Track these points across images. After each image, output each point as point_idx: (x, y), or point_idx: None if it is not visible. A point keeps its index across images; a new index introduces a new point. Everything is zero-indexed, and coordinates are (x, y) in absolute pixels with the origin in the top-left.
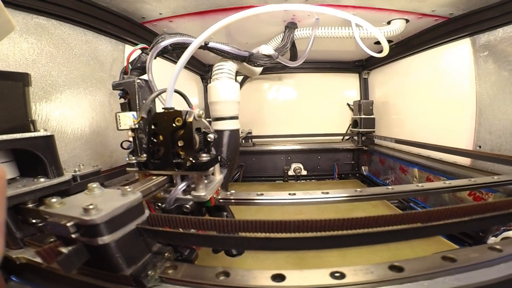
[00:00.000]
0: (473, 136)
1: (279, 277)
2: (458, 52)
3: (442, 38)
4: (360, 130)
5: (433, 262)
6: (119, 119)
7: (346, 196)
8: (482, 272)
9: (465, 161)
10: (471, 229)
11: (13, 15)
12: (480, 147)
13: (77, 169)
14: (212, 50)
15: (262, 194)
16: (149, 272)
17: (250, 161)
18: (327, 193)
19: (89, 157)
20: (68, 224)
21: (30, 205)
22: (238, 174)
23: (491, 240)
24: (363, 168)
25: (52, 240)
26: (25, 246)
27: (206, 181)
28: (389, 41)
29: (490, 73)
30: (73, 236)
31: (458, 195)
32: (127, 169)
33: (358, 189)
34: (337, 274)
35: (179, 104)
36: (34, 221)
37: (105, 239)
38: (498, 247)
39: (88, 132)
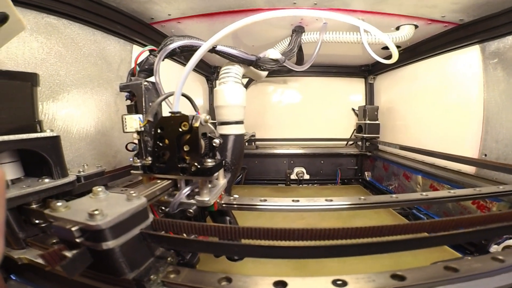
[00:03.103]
0: (479, 144)
1: (281, 284)
2: (467, 59)
3: (451, 44)
4: (364, 135)
5: (435, 271)
6: (125, 122)
7: (350, 204)
8: (484, 281)
9: (470, 169)
10: (476, 239)
11: (25, 14)
12: (486, 155)
13: (81, 170)
14: (220, 53)
15: (265, 200)
16: (152, 277)
17: (253, 163)
18: (331, 200)
19: (93, 157)
20: (73, 229)
21: (34, 206)
22: (240, 176)
23: (494, 248)
24: (366, 173)
25: (54, 241)
26: (27, 246)
27: (210, 186)
28: (397, 47)
29: (499, 81)
30: (77, 240)
31: (462, 204)
32: (132, 171)
33: (362, 197)
34: (339, 282)
35: (184, 107)
36: (37, 221)
37: (110, 244)
38: (500, 257)
39: (93, 132)
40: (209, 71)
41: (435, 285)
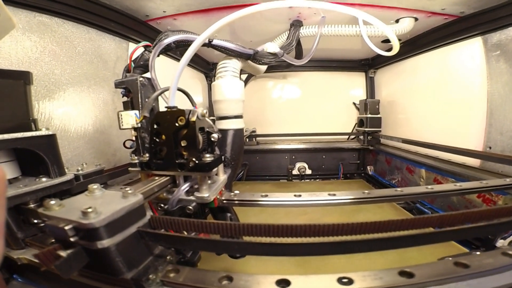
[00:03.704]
0: (483, 136)
1: (284, 283)
2: (469, 51)
3: (452, 37)
4: (366, 129)
5: (445, 267)
6: (121, 118)
7: (353, 198)
8: (495, 278)
9: (474, 162)
10: (485, 234)
11: (16, 13)
12: (490, 148)
13: (79, 168)
14: (216, 47)
15: (266, 196)
16: (150, 276)
17: (254, 160)
18: (334, 195)
19: (92, 155)
20: (67, 228)
21: (32, 205)
22: (241, 173)
23: (500, 242)
24: (368, 168)
25: (53, 241)
26: (27, 246)
27: (209, 182)
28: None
29: (502, 73)
30: (71, 239)
31: (466, 197)
32: (129, 169)
33: (366, 191)
34: (344, 280)
35: (183, 103)
36: (35, 221)
37: (105, 243)
38: (511, 252)
39: (91, 131)
40: (207, 68)
41: (445, 281)
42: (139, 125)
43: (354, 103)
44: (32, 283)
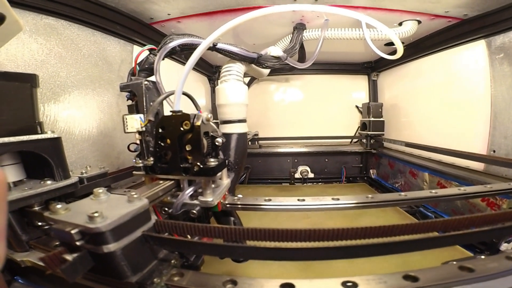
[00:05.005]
0: (487, 140)
1: (288, 286)
2: (472, 54)
3: (456, 39)
4: (369, 133)
5: (449, 271)
6: (126, 122)
7: (357, 202)
8: (500, 281)
9: (478, 165)
10: (489, 238)
11: (23, 15)
12: (494, 151)
13: (84, 171)
14: (220, 51)
15: (270, 200)
16: (155, 280)
17: (257, 163)
18: (337, 199)
19: (96, 158)
20: (73, 232)
21: (36, 208)
22: (244, 176)
23: (504, 246)
24: (371, 171)
25: (57, 243)
26: (31, 249)
27: (213, 186)
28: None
29: (506, 76)
30: (77, 243)
31: (471, 201)
32: (134, 172)
33: (369, 195)
34: (349, 284)
35: (187, 106)
36: (40, 224)
37: (111, 247)
38: None
39: (95, 133)
40: (211, 71)
41: (450, 285)
42: (144, 128)
43: (357, 106)
44: (33, 285)
